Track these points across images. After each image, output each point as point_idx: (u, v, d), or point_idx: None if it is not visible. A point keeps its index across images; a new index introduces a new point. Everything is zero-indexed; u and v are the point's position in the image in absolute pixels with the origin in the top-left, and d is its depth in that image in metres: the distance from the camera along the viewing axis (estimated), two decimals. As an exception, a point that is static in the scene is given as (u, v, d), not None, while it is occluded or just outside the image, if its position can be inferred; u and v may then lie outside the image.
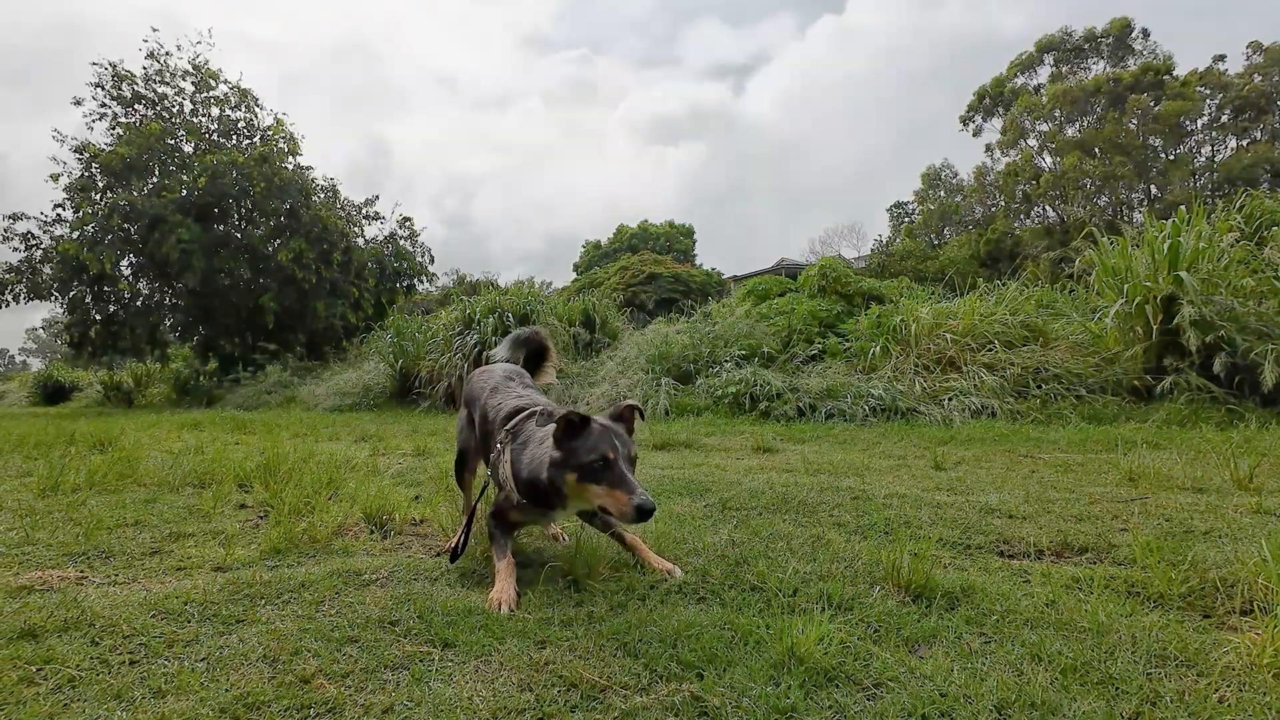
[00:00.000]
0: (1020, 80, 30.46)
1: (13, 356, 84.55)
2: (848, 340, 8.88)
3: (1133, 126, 25.75)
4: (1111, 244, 6.97)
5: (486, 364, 2.84)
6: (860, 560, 1.96)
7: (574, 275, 39.46)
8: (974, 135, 31.78)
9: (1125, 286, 6.21)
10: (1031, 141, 28.99)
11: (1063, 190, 26.36)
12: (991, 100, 30.59)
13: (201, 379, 18.75)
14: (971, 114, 31.49)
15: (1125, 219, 24.85)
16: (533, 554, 2.16)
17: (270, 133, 18.62)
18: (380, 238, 19.53)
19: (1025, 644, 1.37)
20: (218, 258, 16.66)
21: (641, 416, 1.96)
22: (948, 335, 7.53)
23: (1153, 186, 27.16)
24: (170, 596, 1.64)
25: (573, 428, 1.75)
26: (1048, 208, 28.44)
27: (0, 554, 2.06)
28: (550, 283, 41.89)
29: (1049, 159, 28.13)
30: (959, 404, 6.49)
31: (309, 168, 18.78)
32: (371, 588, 1.78)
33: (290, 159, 18.44)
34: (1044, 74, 30.25)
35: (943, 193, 33.41)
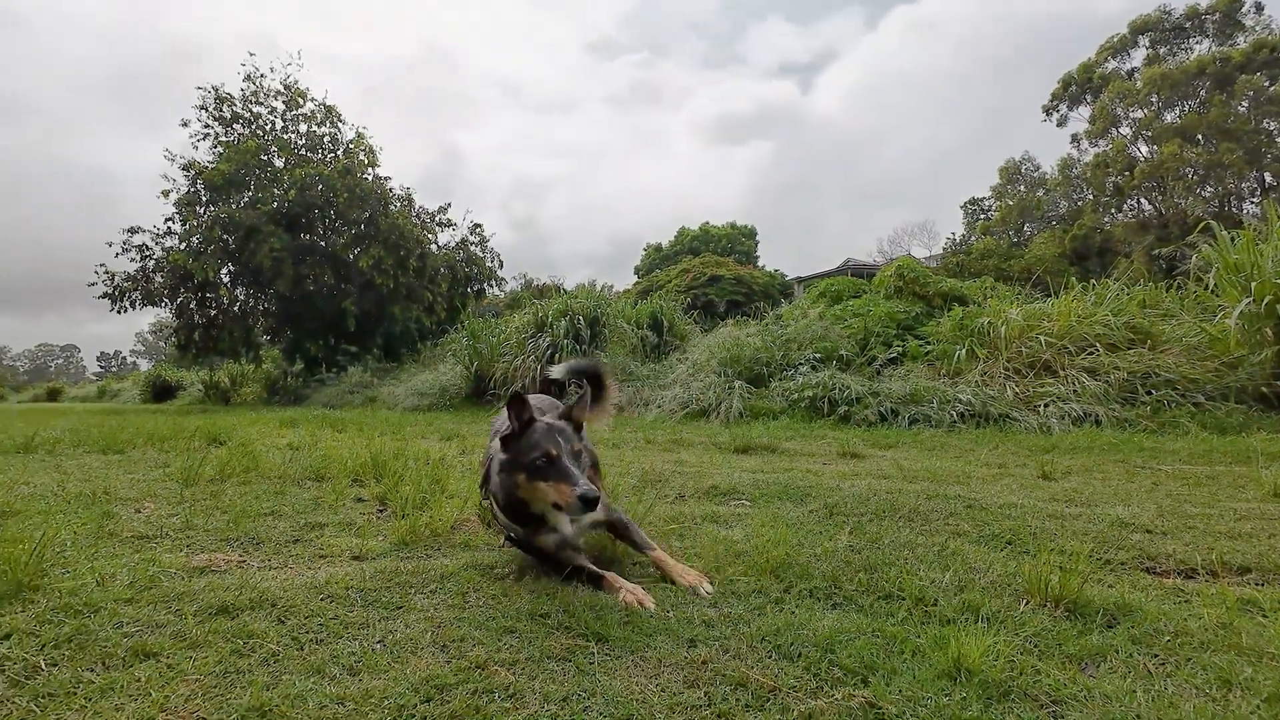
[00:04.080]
0: (1111, 65, 28.52)
1: (125, 358, 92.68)
2: (929, 343, 8.56)
3: (1243, 110, 23.65)
4: (1233, 238, 6.42)
5: (542, 381, 2.84)
6: (994, 571, 1.89)
7: (635, 278, 39.73)
8: (1058, 125, 30.03)
9: (1252, 285, 5.71)
10: (1124, 130, 27.10)
11: (1161, 181, 24.50)
12: (1079, 87, 28.79)
13: (289, 379, 20.00)
14: (1056, 103, 29.74)
15: (1234, 210, 22.84)
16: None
17: (352, 146, 19.66)
18: (452, 243, 20.26)
19: (1208, 668, 1.29)
20: (304, 265, 17.72)
21: (579, 416, 2.00)
22: (1041, 337, 7.14)
23: (1267, 174, 24.85)
24: (331, 582, 1.75)
25: (516, 431, 1.83)
26: (1143, 200, 26.50)
27: (170, 538, 2.26)
28: (612, 285, 42.33)
29: (1144, 148, 26.21)
30: (1057, 410, 6.13)
31: (387, 178, 19.72)
32: (507, 581, 1.84)
33: (369, 170, 19.41)
34: (1138, 57, 28.24)
35: (1023, 187, 31.71)
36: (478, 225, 20.31)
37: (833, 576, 1.84)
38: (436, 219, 20.00)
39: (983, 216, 35.31)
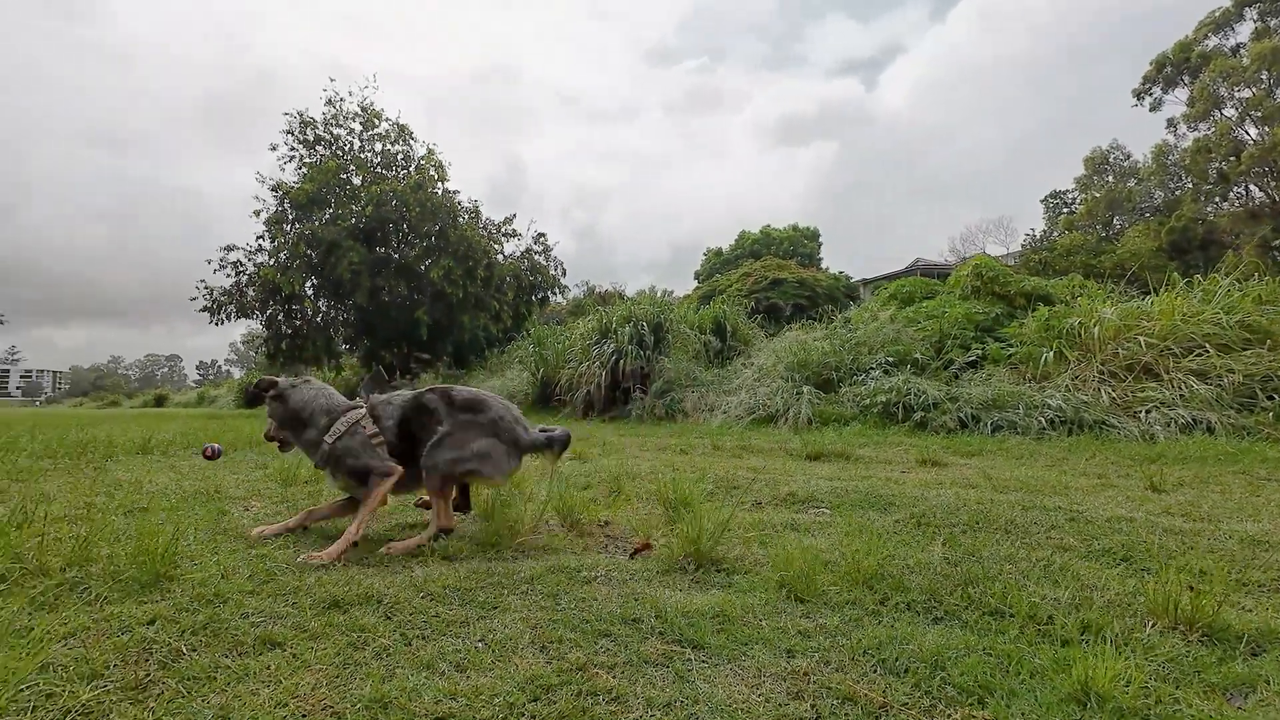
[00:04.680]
0: (1212, 42, 26.27)
1: (220, 366, 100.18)
2: (1011, 345, 8.11)
3: (1370, 83, 21.27)
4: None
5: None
6: (1111, 589, 1.75)
7: (695, 283, 39.59)
8: (1151, 110, 27.89)
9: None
10: (1229, 111, 24.87)
11: (1273, 165, 22.33)
12: (1174, 68, 26.67)
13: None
14: (1148, 86, 27.65)
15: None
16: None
17: (423, 162, 20.54)
18: (517, 253, 20.82)
19: (1384, 705, 1.15)
20: (380, 277, 18.62)
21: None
22: (1141, 338, 6.62)
23: (1401, 154, 22.23)
24: (429, 581, 1.82)
25: None
26: (1252, 187, 24.22)
27: (273, 535, 2.41)
28: (672, 291, 42.34)
29: (1253, 130, 23.97)
30: (1161, 417, 5.67)
31: (455, 191, 20.48)
32: (594, 584, 1.86)
33: (439, 185, 20.22)
34: (1244, 32, 25.86)
35: (1111, 178, 29.62)
36: (541, 235, 20.80)
37: (931, 590, 1.76)
38: (502, 230, 20.61)
39: (1065, 210, 33.18)
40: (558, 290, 21.22)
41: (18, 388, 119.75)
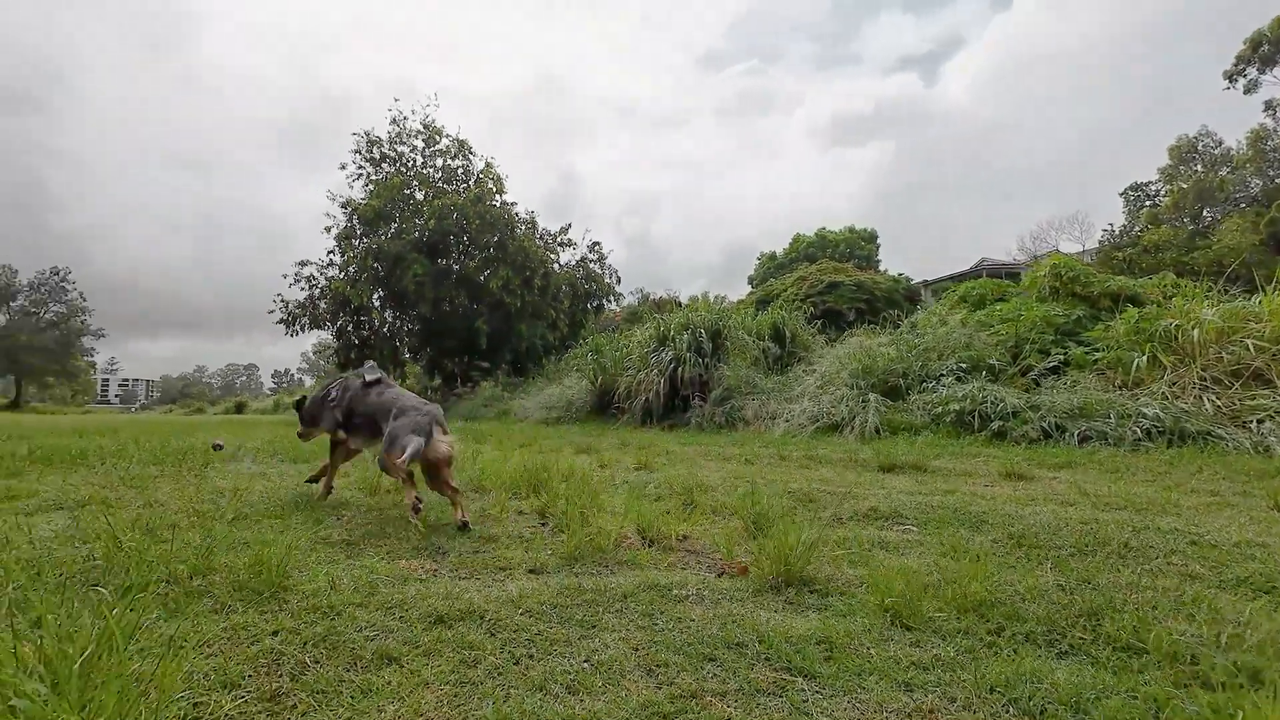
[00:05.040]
0: (1316, 16, 24.15)
1: (293, 374, 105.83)
2: (1097, 349, 7.62)
3: None
4: None
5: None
6: (1262, 627, 1.60)
7: (749, 288, 39.16)
8: (1246, 92, 25.83)
9: None
10: (1337, 91, 22.78)
11: (1393, 148, 20.28)
12: (1271, 46, 24.64)
13: (429, 393, 21.73)
14: (1242, 66, 25.63)
15: None
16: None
17: (482, 175, 21.14)
18: (573, 262, 21.13)
19: None
20: (442, 288, 19.25)
21: None
22: (1249, 342, 6.11)
23: None
24: (524, 597, 1.84)
25: None
26: (1367, 172, 22.08)
27: (373, 545, 2.50)
28: (725, 296, 42.02)
29: (1367, 110, 21.86)
30: (1278, 427, 5.20)
31: (513, 203, 20.99)
32: (686, 604, 1.84)
33: (497, 197, 20.77)
34: (1353, 3, 23.67)
35: (1200, 167, 27.57)
36: (596, 244, 21.05)
37: (1049, 620, 1.66)
38: (558, 239, 20.97)
39: (1149, 203, 31.09)
40: (612, 298, 21.40)
41: (116, 395, 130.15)
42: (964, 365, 8.04)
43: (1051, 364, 7.62)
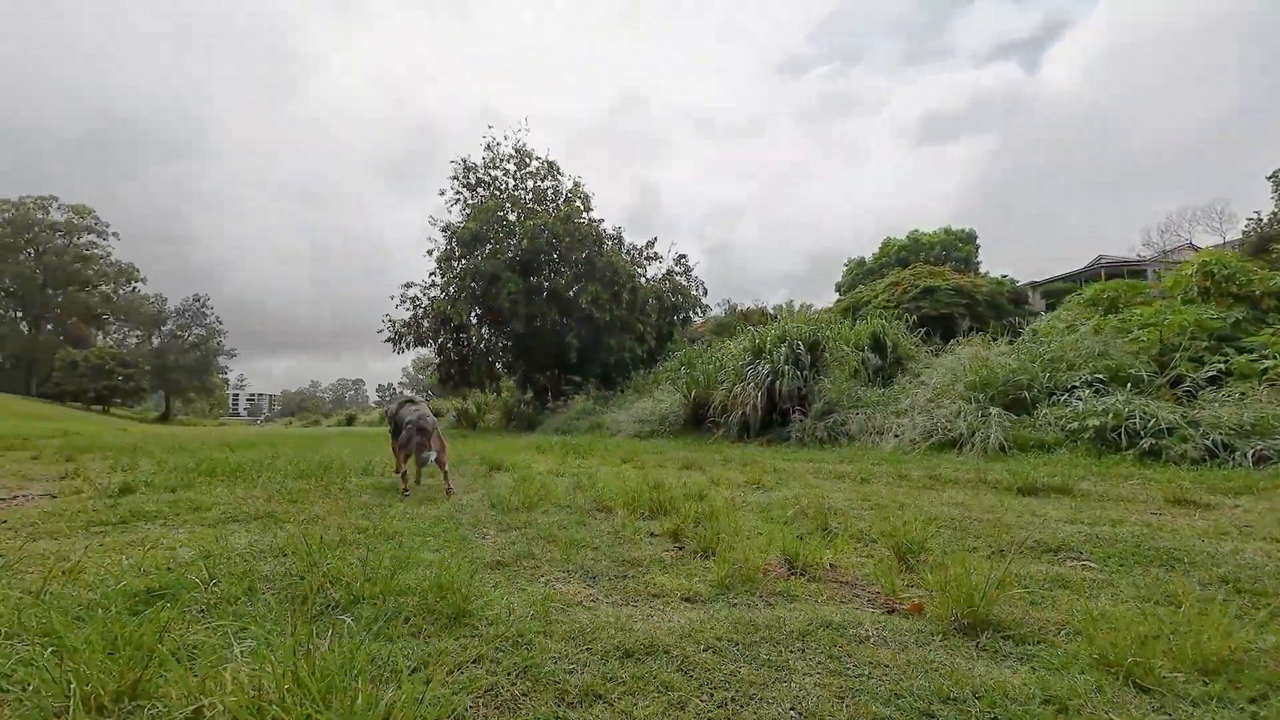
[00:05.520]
0: None
1: (394, 388, 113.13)
2: (1266, 357, 6.75)
3: None
4: None
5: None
6: None
7: (837, 295, 37.91)
8: None
9: None
10: None
11: None
12: None
13: (522, 406, 22.48)
14: None
15: None
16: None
17: (570, 194, 21.77)
18: (659, 275, 21.27)
19: None
20: (534, 304, 19.91)
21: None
22: None
23: None
24: (697, 631, 1.81)
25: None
26: None
27: (523, 567, 2.56)
28: (811, 305, 40.89)
29: None
30: None
31: (600, 220, 21.44)
32: (871, 646, 1.74)
33: (585, 215, 21.29)
34: None
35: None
36: (682, 256, 21.12)
37: (1319, 688, 1.43)
38: (644, 254, 21.18)
39: (1304, 187, 27.36)
40: (699, 310, 21.34)
41: (244, 408, 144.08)
42: (1100, 376, 7.35)
43: (1209, 373, 6.82)
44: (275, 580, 2.16)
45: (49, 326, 57.71)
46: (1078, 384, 7.43)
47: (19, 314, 56.94)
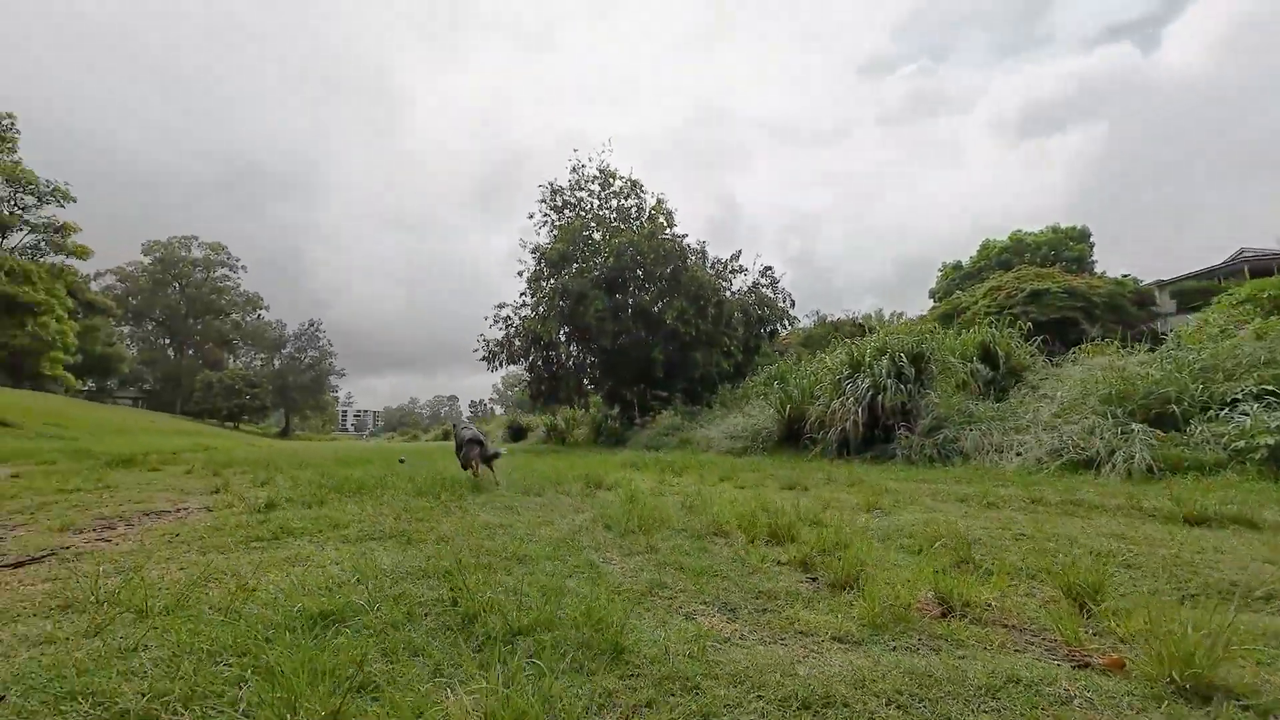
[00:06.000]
0: None
1: (485, 404, 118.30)
2: None
3: None
4: None
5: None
6: None
7: (931, 303, 35.97)
8: None
9: None
10: None
11: None
12: None
13: (609, 422, 22.74)
14: None
15: None
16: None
17: (653, 211, 21.98)
18: (744, 288, 20.99)
19: None
20: (620, 321, 20.16)
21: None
22: None
23: None
24: (869, 680, 1.69)
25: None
26: None
27: (659, 597, 2.52)
28: (902, 313, 39.00)
29: None
30: None
31: (683, 235, 21.48)
32: (1076, 709, 1.55)
33: (668, 230, 21.41)
34: None
35: None
36: (768, 268, 20.75)
37: None
38: (729, 267, 21.00)
39: None
40: (787, 322, 20.85)
41: (351, 424, 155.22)
42: (1270, 387, 6.47)
43: None
44: (430, 605, 2.23)
45: (190, 351, 64.82)
46: (1240, 396, 6.59)
47: (167, 341, 64.38)
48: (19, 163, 21.41)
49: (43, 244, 23.68)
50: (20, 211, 22.35)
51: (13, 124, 20.27)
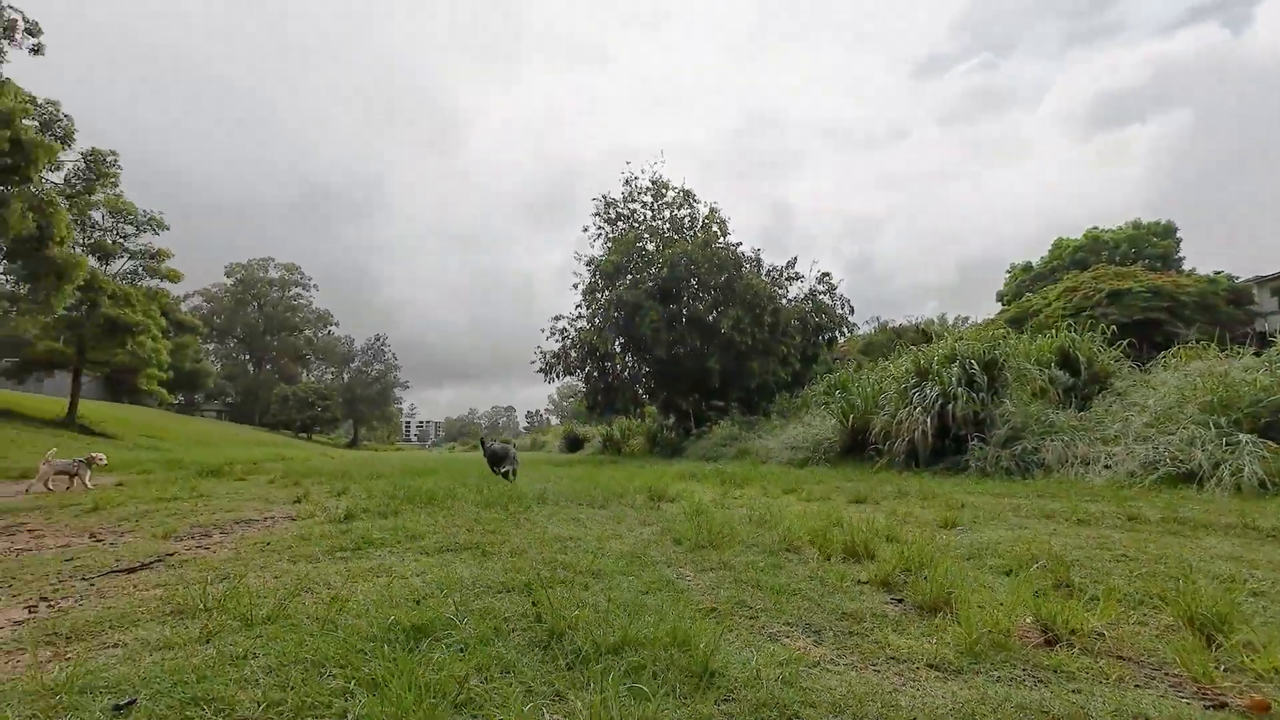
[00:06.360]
0: None
1: (541, 414, 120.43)
2: None
3: None
4: None
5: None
6: None
7: (999, 306, 34.35)
8: None
9: None
10: None
11: None
12: None
13: (665, 432, 22.70)
14: None
15: None
16: None
17: (706, 220, 21.93)
18: (801, 296, 20.62)
19: None
20: (674, 331, 20.14)
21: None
22: None
23: None
24: (977, 713, 1.60)
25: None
26: None
27: (740, 617, 2.47)
28: (967, 317, 37.41)
29: None
30: None
31: (737, 244, 21.33)
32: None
33: (722, 239, 21.30)
34: None
35: None
36: (825, 274, 20.33)
37: None
38: (785, 274, 20.69)
39: None
40: (845, 329, 20.34)
41: (414, 434, 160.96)
42: (1404, 393, 5.84)
43: None
44: (515, 620, 2.26)
45: (267, 366, 68.82)
46: (1368, 404, 5.97)
47: (247, 357, 68.59)
48: (120, 195, 23.33)
49: (140, 269, 25.70)
50: (121, 240, 24.35)
51: (115, 160, 22.12)
